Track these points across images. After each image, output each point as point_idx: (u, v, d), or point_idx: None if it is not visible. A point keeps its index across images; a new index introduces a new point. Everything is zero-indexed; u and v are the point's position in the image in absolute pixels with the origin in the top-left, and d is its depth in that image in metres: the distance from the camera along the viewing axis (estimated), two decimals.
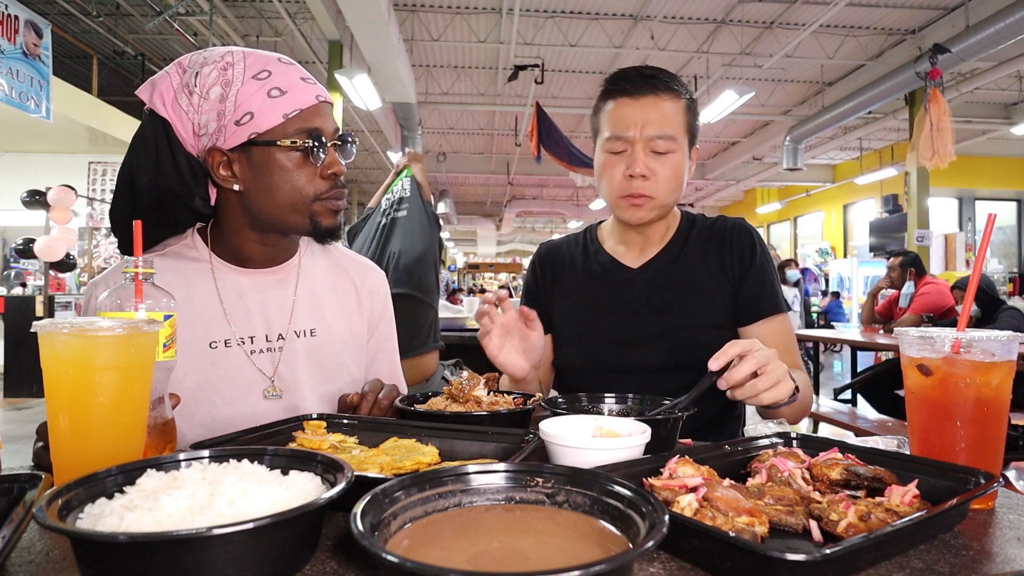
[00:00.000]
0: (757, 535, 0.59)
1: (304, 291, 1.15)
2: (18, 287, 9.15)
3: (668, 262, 1.34)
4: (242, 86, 0.98)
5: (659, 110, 1.24)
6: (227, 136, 0.99)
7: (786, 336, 1.30)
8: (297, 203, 1.03)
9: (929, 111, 6.36)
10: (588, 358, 1.34)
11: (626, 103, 1.25)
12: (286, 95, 0.99)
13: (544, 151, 8.43)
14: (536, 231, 28.54)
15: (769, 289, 1.31)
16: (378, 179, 18.91)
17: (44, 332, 0.67)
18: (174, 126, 1.00)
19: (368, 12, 6.47)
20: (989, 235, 0.87)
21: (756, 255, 1.31)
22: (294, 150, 1.00)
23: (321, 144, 1.01)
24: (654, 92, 1.24)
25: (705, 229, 1.36)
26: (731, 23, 8.73)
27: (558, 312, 1.40)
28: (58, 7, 8.22)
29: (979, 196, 14.01)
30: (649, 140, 1.23)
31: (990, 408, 0.76)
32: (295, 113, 1.00)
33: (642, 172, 1.23)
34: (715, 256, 1.32)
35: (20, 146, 8.92)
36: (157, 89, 1.01)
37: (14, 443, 3.37)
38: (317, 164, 1.02)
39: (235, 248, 1.10)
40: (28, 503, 0.59)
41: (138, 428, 0.72)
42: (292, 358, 1.10)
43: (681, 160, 1.26)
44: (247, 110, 0.98)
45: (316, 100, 1.02)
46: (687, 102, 1.27)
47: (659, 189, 1.25)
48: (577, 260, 1.42)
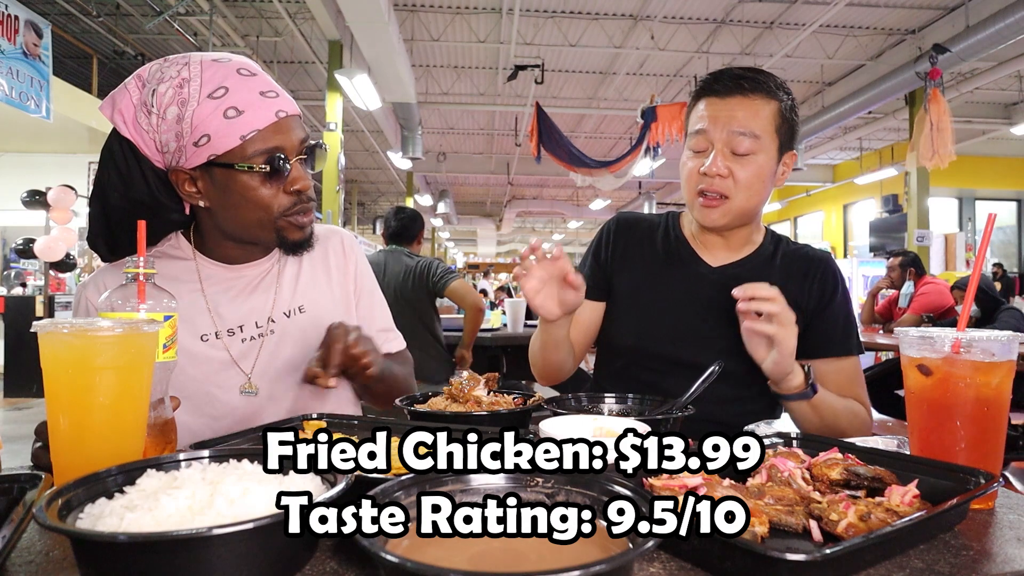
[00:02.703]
0: (757, 535, 0.59)
1: (286, 273, 1.16)
2: (18, 287, 9.15)
3: (748, 272, 1.27)
4: (198, 106, 0.94)
5: (745, 108, 1.17)
6: (188, 156, 0.97)
7: (853, 377, 1.25)
8: (263, 220, 1.02)
9: (929, 111, 6.36)
10: (640, 338, 1.29)
11: (713, 103, 1.20)
12: (243, 115, 0.96)
13: (544, 151, 8.43)
14: (536, 231, 28.54)
15: (842, 330, 1.25)
16: (378, 179, 18.96)
17: (44, 332, 0.67)
18: (137, 145, 0.99)
19: (368, 12, 6.47)
20: (989, 235, 0.87)
21: (837, 292, 1.26)
22: (253, 174, 0.99)
23: (280, 164, 0.99)
24: (741, 91, 1.18)
25: (790, 253, 1.31)
26: (731, 23, 8.73)
27: (622, 284, 1.34)
28: (58, 7, 8.22)
29: (979, 196, 14.01)
30: (730, 137, 1.16)
31: (990, 408, 0.76)
32: (252, 134, 0.96)
33: (718, 171, 1.17)
34: (796, 283, 1.26)
35: (20, 146, 8.92)
36: (117, 107, 0.99)
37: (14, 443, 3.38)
38: (281, 180, 1.01)
39: (216, 250, 1.12)
40: (28, 503, 0.59)
41: (138, 428, 0.72)
42: (282, 339, 1.12)
43: (766, 163, 1.19)
44: (203, 132, 0.95)
45: (275, 117, 0.98)
46: (782, 104, 1.20)
47: (736, 191, 1.18)
48: (657, 239, 1.36)
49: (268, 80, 1.02)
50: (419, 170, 15.74)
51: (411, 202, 15.69)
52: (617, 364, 1.33)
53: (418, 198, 16.42)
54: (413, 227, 3.63)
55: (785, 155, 1.24)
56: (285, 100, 1.01)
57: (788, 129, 1.22)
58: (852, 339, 1.26)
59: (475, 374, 1.13)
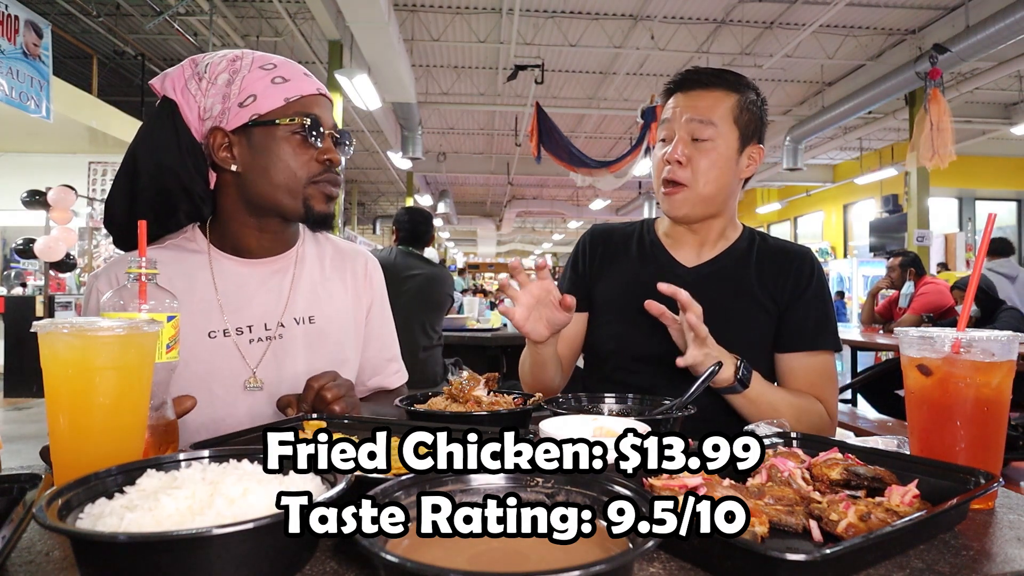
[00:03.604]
0: (757, 535, 0.59)
1: (303, 279, 1.17)
2: (18, 287, 9.14)
3: (723, 269, 1.31)
4: (248, 73, 1.04)
5: (704, 99, 1.24)
6: (230, 118, 1.04)
7: (823, 374, 1.25)
8: (292, 185, 1.06)
9: (929, 111, 6.37)
10: (621, 342, 1.32)
11: (677, 96, 1.28)
12: (289, 82, 1.05)
13: (544, 151, 8.44)
14: (536, 231, 28.54)
15: (815, 323, 1.26)
16: (378, 179, 18.95)
17: (44, 332, 0.67)
18: (180, 108, 1.05)
19: (368, 12, 6.47)
20: (989, 235, 0.87)
21: (811, 284, 1.28)
22: (292, 131, 1.05)
23: (318, 129, 1.06)
24: (702, 85, 1.25)
25: (767, 248, 1.33)
26: (731, 23, 8.72)
27: (601, 292, 1.38)
28: (58, 7, 8.22)
29: (979, 196, 14.01)
30: (689, 125, 1.23)
31: (990, 408, 0.76)
32: (296, 98, 1.05)
33: (678, 158, 1.22)
34: (771, 278, 1.29)
35: (20, 146, 8.91)
36: (169, 78, 1.07)
37: (14, 443, 3.39)
38: (314, 148, 1.06)
39: (234, 238, 1.12)
40: (28, 503, 0.59)
41: (138, 428, 0.72)
42: (290, 345, 1.12)
43: (724, 151, 1.23)
44: (251, 92, 1.03)
45: (316, 91, 1.08)
46: (742, 97, 1.25)
47: (695, 178, 1.23)
48: (631, 246, 1.40)
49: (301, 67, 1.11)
50: (419, 170, 15.74)
51: (411, 202, 15.70)
52: (604, 370, 1.36)
53: (418, 198, 16.42)
54: (426, 230, 3.66)
55: (749, 147, 1.28)
56: (324, 87, 1.11)
57: (750, 121, 1.26)
58: (825, 335, 1.26)
59: (475, 374, 1.12)
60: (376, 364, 1.28)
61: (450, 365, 3.73)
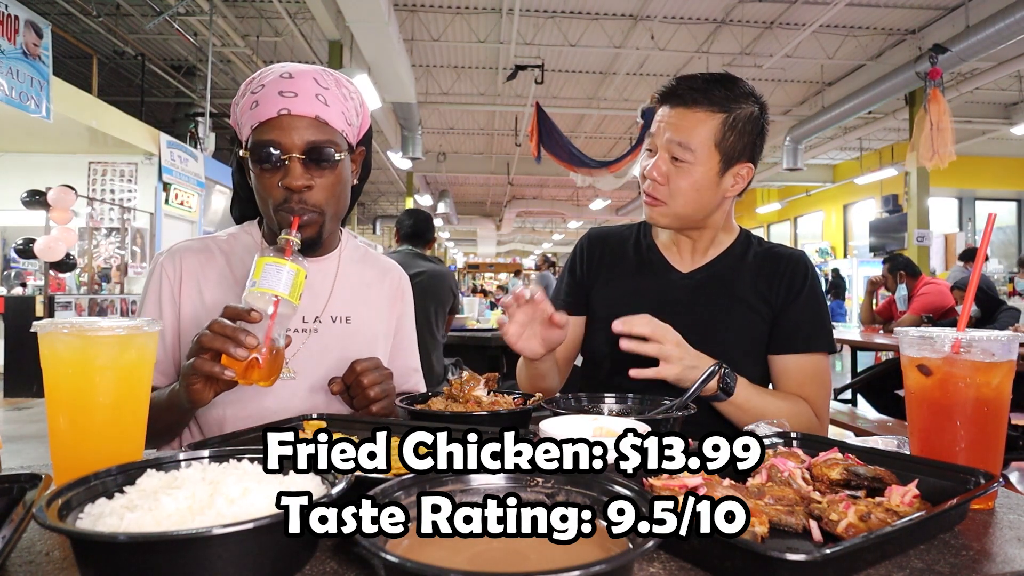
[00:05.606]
0: (757, 535, 0.59)
1: (343, 281, 1.22)
2: (18, 287, 9.14)
3: (718, 273, 1.31)
4: (243, 99, 1.06)
5: (685, 120, 1.20)
6: (242, 142, 1.10)
7: (815, 376, 1.25)
8: (267, 211, 1.09)
9: (929, 111, 6.37)
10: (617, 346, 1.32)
11: (663, 110, 1.25)
12: (258, 108, 1.03)
13: (544, 151, 8.44)
14: (536, 231, 28.54)
15: (810, 325, 1.26)
16: (378, 179, 18.93)
17: (44, 332, 0.67)
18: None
19: (368, 12, 6.47)
20: (989, 235, 0.87)
21: (805, 287, 1.28)
22: (253, 160, 1.05)
23: (269, 159, 1.03)
24: (684, 104, 1.21)
25: (762, 252, 1.33)
26: (731, 23, 8.73)
27: (598, 297, 1.39)
28: (58, 7, 8.22)
29: (979, 196, 14.01)
30: (669, 145, 1.21)
31: (990, 408, 0.76)
32: (257, 125, 1.04)
33: (655, 176, 1.23)
34: (765, 281, 1.29)
35: (20, 146, 8.90)
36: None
37: (14, 443, 3.40)
38: (277, 173, 1.04)
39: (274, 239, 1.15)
40: (28, 503, 0.59)
41: (138, 428, 0.72)
42: (325, 341, 1.16)
43: (703, 176, 1.21)
44: (239, 120, 1.08)
45: (276, 113, 1.02)
46: (729, 116, 1.20)
47: (671, 197, 1.23)
48: (628, 250, 1.41)
49: (299, 83, 1.03)
50: (419, 170, 15.74)
51: (411, 202, 15.70)
52: (601, 373, 1.36)
53: (418, 198, 16.41)
54: (428, 229, 3.70)
55: (736, 167, 1.24)
56: (300, 102, 1.03)
57: (736, 142, 1.21)
58: (818, 337, 1.26)
59: (475, 374, 1.12)
60: (402, 373, 1.31)
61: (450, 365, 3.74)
